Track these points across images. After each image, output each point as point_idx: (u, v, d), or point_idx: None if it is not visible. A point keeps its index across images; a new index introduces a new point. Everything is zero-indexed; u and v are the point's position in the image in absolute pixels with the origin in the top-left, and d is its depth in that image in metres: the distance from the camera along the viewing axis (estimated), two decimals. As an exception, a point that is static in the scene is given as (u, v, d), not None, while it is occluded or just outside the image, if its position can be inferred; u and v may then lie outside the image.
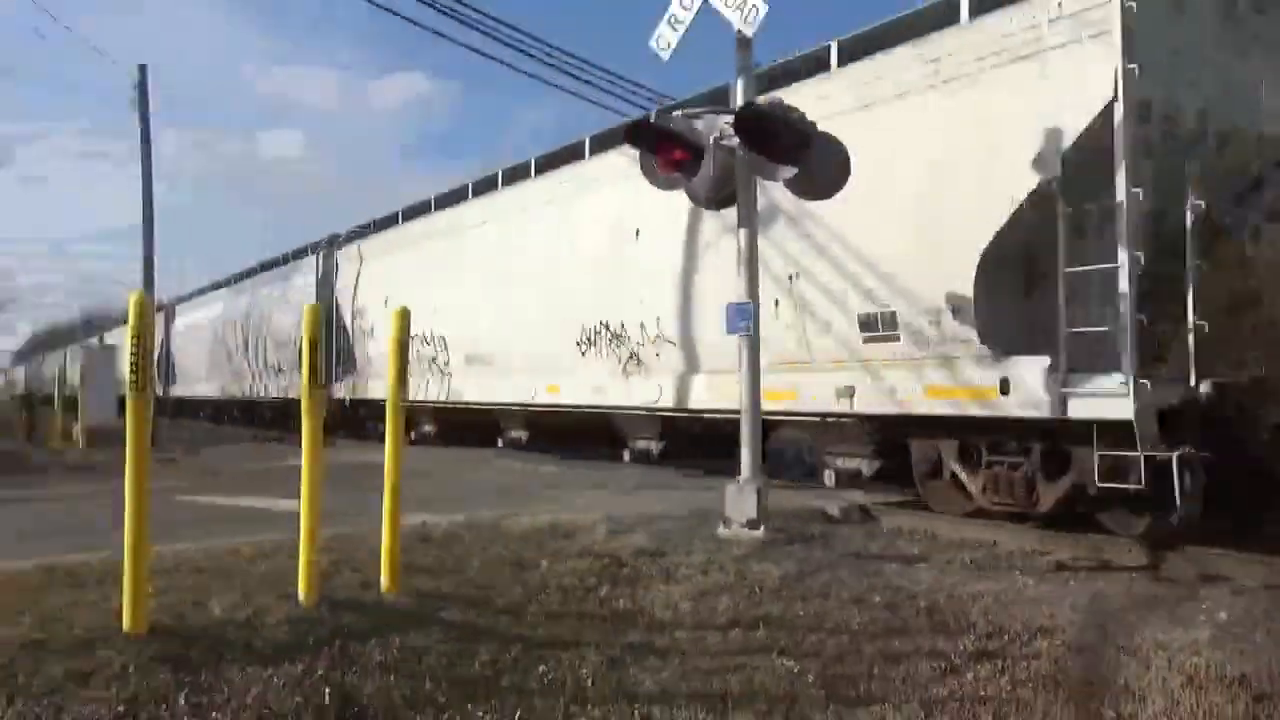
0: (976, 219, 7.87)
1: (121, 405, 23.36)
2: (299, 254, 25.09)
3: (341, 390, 20.83)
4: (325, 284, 22.25)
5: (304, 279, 23.65)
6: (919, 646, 5.06)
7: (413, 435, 18.78)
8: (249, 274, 29.47)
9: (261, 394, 26.44)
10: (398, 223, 19.51)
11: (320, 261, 22.73)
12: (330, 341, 20.42)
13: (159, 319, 33.89)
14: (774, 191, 8.57)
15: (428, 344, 16.98)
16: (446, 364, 17.02)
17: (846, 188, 7.56)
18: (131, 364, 4.50)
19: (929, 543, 8.05)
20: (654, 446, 13.15)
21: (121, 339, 38.78)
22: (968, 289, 7.98)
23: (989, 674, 4.68)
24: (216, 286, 33.27)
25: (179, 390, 36.37)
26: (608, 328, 12.86)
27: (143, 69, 20.70)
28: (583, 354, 13.36)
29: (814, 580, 6.22)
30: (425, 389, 17.42)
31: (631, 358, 12.50)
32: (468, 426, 17.78)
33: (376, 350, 19.06)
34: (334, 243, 22.37)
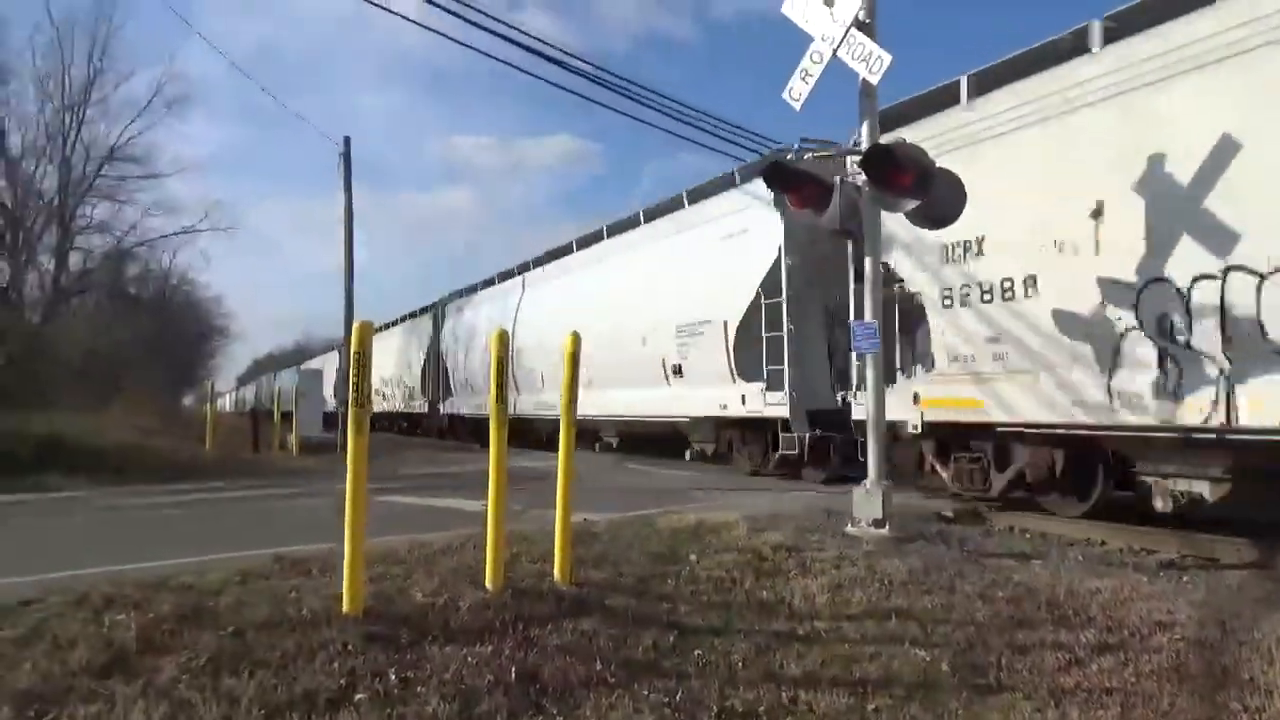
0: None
1: (327, 420, 24.37)
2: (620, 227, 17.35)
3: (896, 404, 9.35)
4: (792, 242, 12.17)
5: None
6: (1043, 639, 4.81)
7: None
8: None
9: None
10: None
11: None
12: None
13: (428, 319, 29.03)
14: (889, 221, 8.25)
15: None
16: None
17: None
18: (353, 382, 4.58)
19: (1040, 541, 7.70)
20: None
21: (325, 363, 40.29)
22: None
23: (1112, 666, 4.41)
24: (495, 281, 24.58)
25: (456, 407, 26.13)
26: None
27: (347, 140, 21.64)
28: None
29: (938, 575, 5.98)
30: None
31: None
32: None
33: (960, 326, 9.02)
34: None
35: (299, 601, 4.92)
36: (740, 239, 13.21)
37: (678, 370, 14.67)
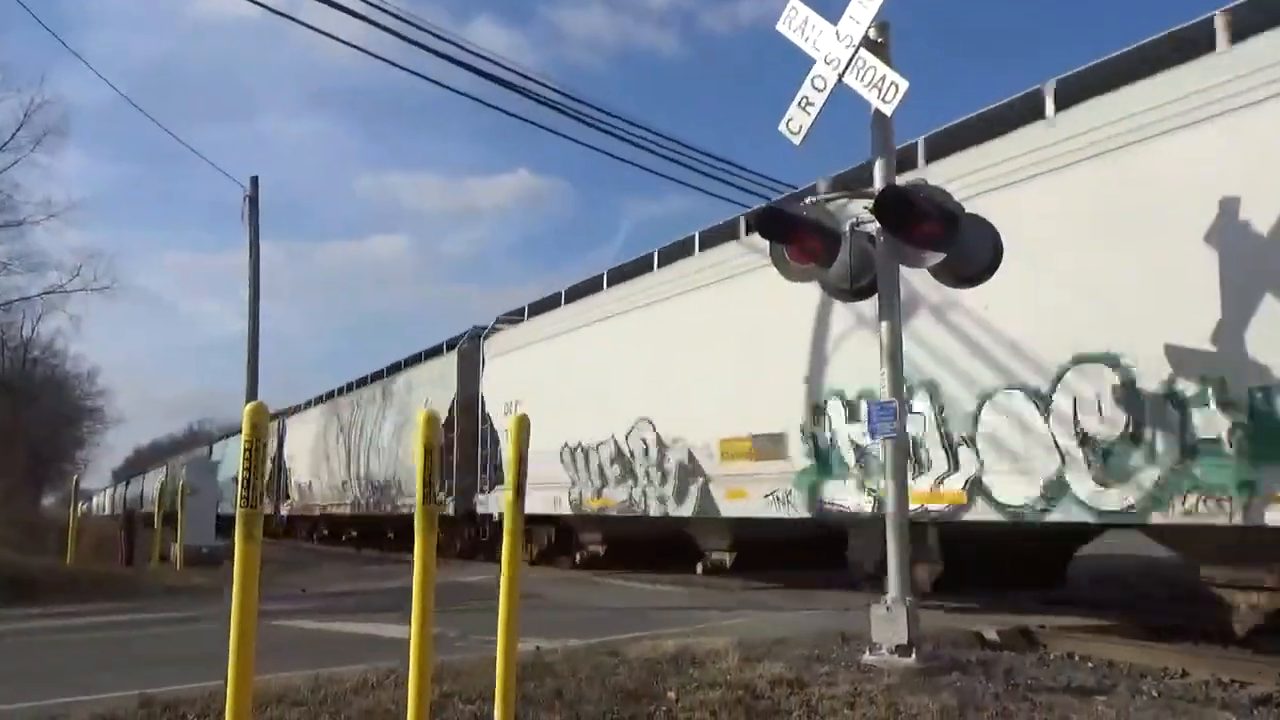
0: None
1: (221, 525, 24.03)
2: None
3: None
4: None
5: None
6: (1107, 796, 4.74)
7: None
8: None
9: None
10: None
11: None
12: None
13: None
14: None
15: None
16: None
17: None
18: (243, 477, 4.48)
19: (1107, 671, 7.63)
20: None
21: (225, 452, 39.80)
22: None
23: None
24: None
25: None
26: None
27: (254, 180, 21.64)
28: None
29: (978, 716, 5.90)
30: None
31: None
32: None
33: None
34: None
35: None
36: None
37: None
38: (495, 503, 19.14)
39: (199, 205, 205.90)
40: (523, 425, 5.71)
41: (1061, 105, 9.16)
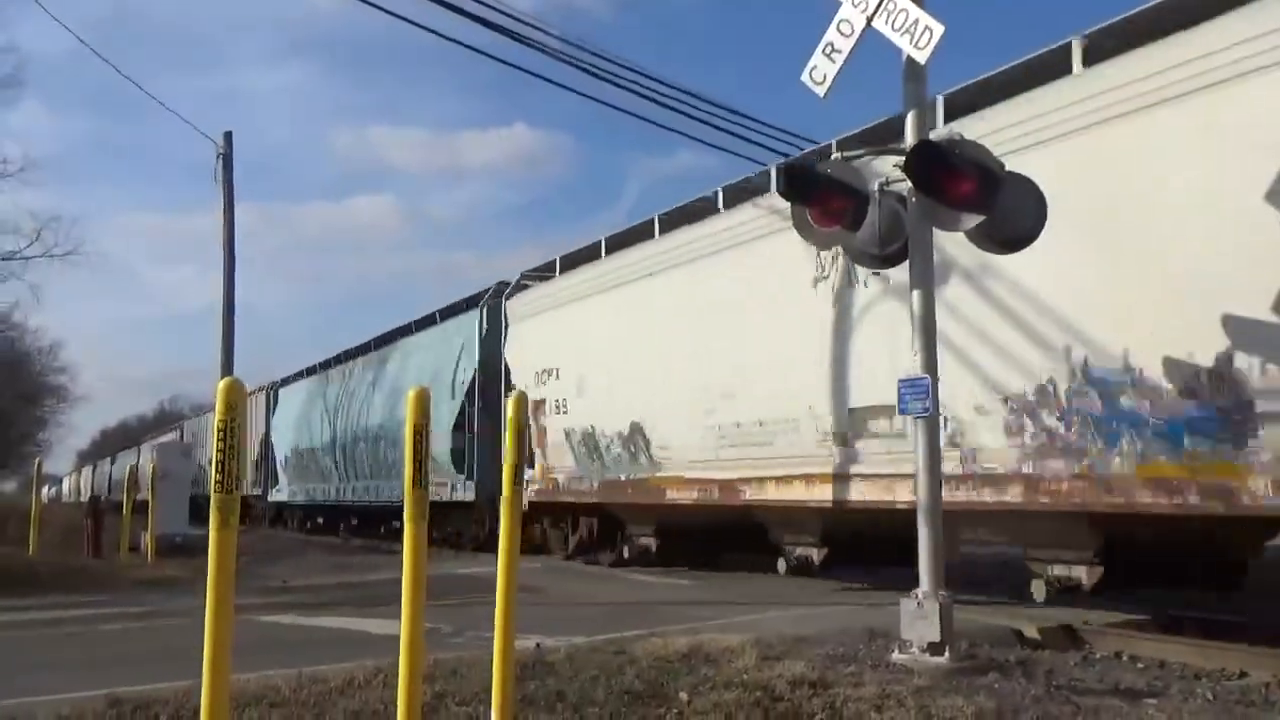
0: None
1: (195, 511, 24.12)
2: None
3: None
4: None
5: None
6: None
7: None
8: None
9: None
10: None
11: None
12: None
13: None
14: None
15: None
16: None
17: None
18: (217, 460, 4.42)
19: (1158, 672, 7.67)
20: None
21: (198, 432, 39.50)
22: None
23: None
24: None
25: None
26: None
27: (228, 136, 21.56)
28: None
29: (1016, 720, 5.95)
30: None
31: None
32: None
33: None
34: None
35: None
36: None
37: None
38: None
39: (168, 164, 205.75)
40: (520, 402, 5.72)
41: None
